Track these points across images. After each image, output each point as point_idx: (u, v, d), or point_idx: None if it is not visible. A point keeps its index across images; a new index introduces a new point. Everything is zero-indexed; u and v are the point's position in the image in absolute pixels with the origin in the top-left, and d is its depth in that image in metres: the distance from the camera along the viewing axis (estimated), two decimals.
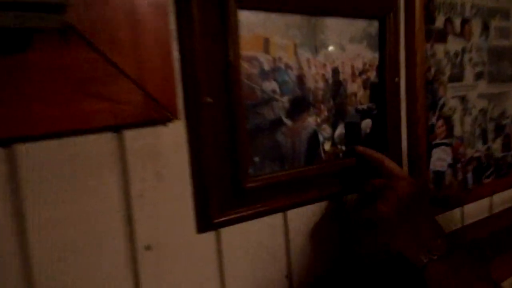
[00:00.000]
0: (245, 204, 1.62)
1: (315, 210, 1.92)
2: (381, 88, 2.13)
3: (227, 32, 1.64)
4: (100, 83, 1.25)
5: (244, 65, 1.80)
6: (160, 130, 1.64)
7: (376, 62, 2.11)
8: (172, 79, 1.47)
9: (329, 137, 2.11)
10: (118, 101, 1.29)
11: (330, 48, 2.09)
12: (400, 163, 2.31)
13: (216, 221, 1.53)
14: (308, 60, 2.02)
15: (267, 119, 1.90)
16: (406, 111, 2.30)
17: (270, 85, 1.91)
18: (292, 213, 1.86)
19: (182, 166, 1.58)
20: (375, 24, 2.02)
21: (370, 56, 2.25)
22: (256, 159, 1.88)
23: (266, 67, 1.88)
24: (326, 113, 2.10)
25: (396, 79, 2.23)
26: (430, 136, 2.65)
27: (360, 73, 2.23)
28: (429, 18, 2.55)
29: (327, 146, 2.11)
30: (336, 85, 2.13)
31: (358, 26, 2.02)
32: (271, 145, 1.78)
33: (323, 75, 2.09)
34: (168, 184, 1.52)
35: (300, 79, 1.99)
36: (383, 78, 2.10)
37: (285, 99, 1.95)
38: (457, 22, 2.45)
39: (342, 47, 2.13)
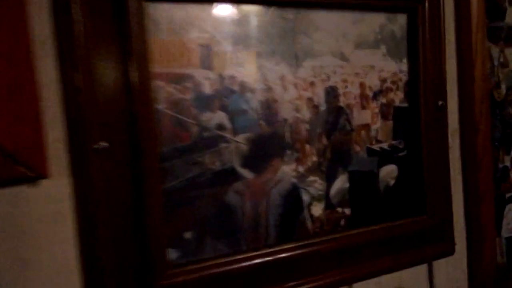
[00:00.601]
0: None
1: None
2: (413, 117, 1.57)
3: (127, 39, 1.00)
4: None
5: (167, 88, 1.15)
6: (25, 193, 1.12)
7: (404, 78, 1.37)
8: (36, 121, 1.09)
9: (321, 195, 1.36)
10: None
11: (322, 58, 1.35)
12: (449, 233, 1.67)
13: None
14: (282, 78, 1.31)
15: (209, 171, 1.21)
16: (460, 150, 1.73)
17: (215, 118, 1.24)
18: None
19: (62, 248, 1.15)
20: (400, 19, 1.52)
21: (393, 68, 1.49)
22: (188, 235, 1.22)
23: (207, 90, 1.21)
24: (314, 158, 1.36)
25: (441, 102, 1.62)
26: (502, 186, 1.77)
27: (376, 95, 1.47)
28: (495, 11, 1.70)
29: (317, 210, 1.38)
30: (333, 114, 1.39)
31: (371, 23, 1.50)
32: (215, 211, 1.30)
33: (309, 100, 1.37)
34: (40, 276, 1.11)
35: (268, 106, 1.28)
36: (416, 102, 1.55)
37: (241, 138, 1.25)
38: None
39: (343, 56, 1.39)
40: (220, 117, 1.29)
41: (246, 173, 1.31)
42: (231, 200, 1.29)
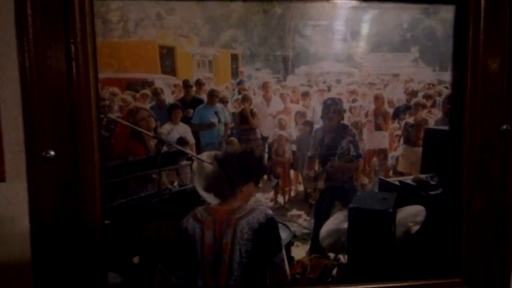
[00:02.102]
0: None
1: None
2: (456, 144, 1.18)
3: (71, 36, 0.94)
4: None
5: (123, 95, 1.04)
6: None
7: (445, 91, 1.25)
8: None
9: (307, 234, 1.10)
10: None
11: (321, 62, 1.09)
12: None
13: None
14: (264, 86, 1.09)
15: (166, 191, 1.07)
16: None
17: (176, 131, 1.09)
18: None
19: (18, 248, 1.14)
20: (445, 12, 1.17)
21: (428, 77, 1.16)
22: (136, 260, 1.10)
23: (169, 98, 1.06)
24: (301, 188, 1.11)
25: (505, 126, 1.22)
26: None
27: (399, 112, 1.14)
28: None
29: (299, 252, 1.12)
30: (333, 134, 1.12)
31: (397, 17, 1.17)
32: (170, 238, 1.15)
33: (300, 114, 1.12)
34: None
35: (243, 120, 1.08)
36: (461, 124, 1.17)
37: (205, 156, 1.08)
38: None
39: (353, 61, 1.10)
40: (182, 130, 1.13)
41: (210, 198, 1.14)
42: (189, 227, 1.13)
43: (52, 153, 1.14)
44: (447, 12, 1.17)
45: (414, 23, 1.17)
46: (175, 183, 1.14)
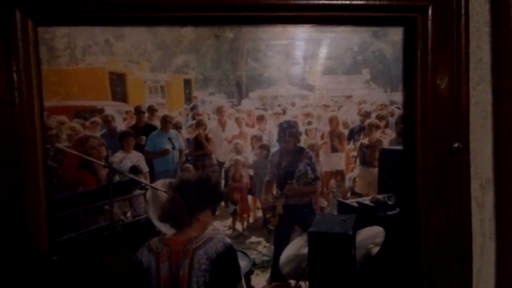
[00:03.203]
0: None
1: None
2: (410, 163, 1.19)
3: (13, 64, 0.91)
4: None
5: (71, 124, 1.00)
6: None
7: (397, 111, 1.28)
8: None
9: (267, 262, 1.08)
10: None
11: (275, 86, 1.09)
12: None
13: None
14: (219, 111, 1.08)
15: (118, 222, 1.03)
16: (495, 208, 1.26)
17: (128, 159, 1.05)
18: None
19: None
20: (394, 34, 1.21)
21: (380, 98, 1.17)
22: None
23: (120, 126, 1.03)
24: (259, 214, 1.09)
25: (456, 144, 1.21)
26: None
27: (353, 133, 1.14)
28: None
29: (259, 281, 1.09)
30: (290, 157, 1.11)
31: (348, 40, 1.20)
32: (124, 272, 1.09)
33: (256, 138, 1.11)
34: None
35: (198, 146, 1.06)
36: (413, 143, 1.18)
37: (160, 184, 1.05)
38: None
39: (306, 84, 1.10)
40: (135, 158, 1.10)
41: (165, 228, 1.10)
42: (144, 259, 1.10)
43: None
44: (396, 34, 1.21)
45: (365, 45, 1.20)
46: (128, 214, 1.10)
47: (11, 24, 1.02)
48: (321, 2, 1.15)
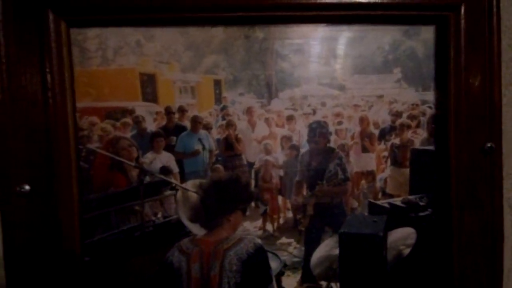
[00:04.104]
0: None
1: None
2: (442, 164, 1.17)
3: (46, 65, 0.92)
4: None
5: (102, 124, 1.01)
6: None
7: (429, 111, 1.23)
8: None
9: (297, 263, 1.08)
10: None
11: (305, 86, 1.09)
12: None
13: None
14: (248, 111, 1.08)
15: (149, 223, 1.03)
16: None
17: (159, 160, 1.06)
18: None
19: None
20: (425, 33, 1.17)
21: (411, 98, 1.16)
22: None
23: (151, 126, 1.03)
24: (290, 214, 1.09)
25: (489, 144, 1.19)
26: None
27: (384, 133, 1.13)
28: None
29: (290, 282, 1.10)
30: (320, 157, 1.11)
31: (378, 39, 1.18)
32: (155, 272, 1.08)
33: (286, 138, 1.11)
34: None
35: (228, 146, 1.06)
36: (446, 143, 1.16)
37: (190, 185, 1.06)
38: None
39: (337, 84, 1.10)
40: (165, 159, 1.11)
41: (196, 229, 1.10)
42: (175, 260, 1.10)
43: (27, 187, 1.09)
44: (428, 33, 1.20)
45: (396, 44, 1.19)
46: (159, 215, 1.10)
47: (44, 25, 1.04)
48: (351, 1, 1.15)
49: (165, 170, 1.10)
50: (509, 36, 1.34)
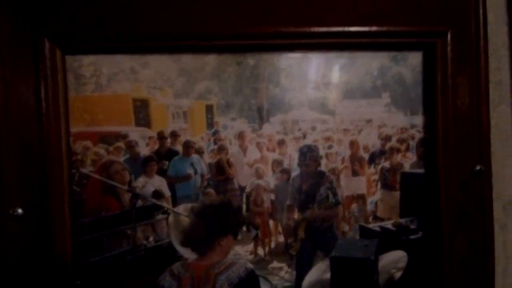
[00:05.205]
0: None
1: None
2: (432, 187, 1.19)
3: (41, 92, 0.95)
4: None
5: (95, 149, 1.03)
6: None
7: (418, 135, 1.25)
8: None
9: (288, 287, 1.09)
10: None
11: (296, 111, 1.12)
12: None
13: None
14: (240, 136, 1.10)
15: (141, 247, 1.04)
16: None
17: (151, 184, 1.07)
18: None
19: None
20: (412, 58, 1.22)
21: (400, 122, 1.17)
22: None
23: (143, 151, 1.05)
24: (281, 238, 1.10)
25: (479, 167, 1.23)
26: None
27: (374, 157, 1.15)
28: None
29: None
30: (311, 181, 1.12)
31: (367, 65, 1.22)
32: None
33: (277, 162, 1.12)
34: None
35: (220, 171, 1.07)
36: (435, 166, 1.19)
37: (182, 209, 1.07)
38: None
39: (326, 108, 1.12)
40: (157, 183, 1.12)
41: (187, 253, 1.12)
42: (166, 285, 1.11)
43: (19, 211, 1.10)
44: (415, 58, 1.23)
45: (384, 69, 1.23)
46: (151, 239, 1.11)
47: (40, 53, 1.07)
48: (340, 29, 1.19)
49: (157, 194, 1.11)
50: (497, 59, 1.37)
